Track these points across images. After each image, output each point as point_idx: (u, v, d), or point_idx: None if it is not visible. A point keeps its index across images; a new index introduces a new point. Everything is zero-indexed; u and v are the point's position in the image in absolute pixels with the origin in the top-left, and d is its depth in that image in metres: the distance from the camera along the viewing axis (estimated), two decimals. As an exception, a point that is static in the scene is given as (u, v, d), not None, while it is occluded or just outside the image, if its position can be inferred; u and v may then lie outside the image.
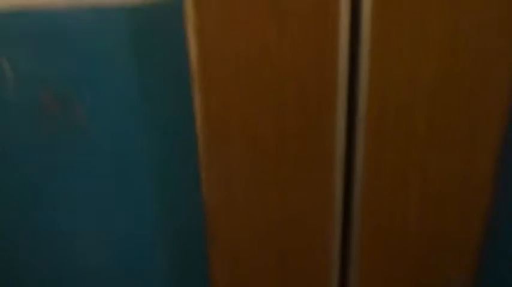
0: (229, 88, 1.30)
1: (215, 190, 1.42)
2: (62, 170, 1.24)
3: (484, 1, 1.25)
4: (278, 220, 1.45)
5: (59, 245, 1.34)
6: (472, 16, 1.26)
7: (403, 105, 1.32)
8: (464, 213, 1.47)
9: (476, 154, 1.41)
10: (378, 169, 1.40)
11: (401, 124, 1.34)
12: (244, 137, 1.35)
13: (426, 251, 1.51)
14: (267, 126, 1.35)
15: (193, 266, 1.46)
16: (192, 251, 1.45)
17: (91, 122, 1.20)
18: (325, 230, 1.47)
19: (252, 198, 1.43)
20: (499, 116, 1.37)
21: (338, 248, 1.49)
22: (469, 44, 1.29)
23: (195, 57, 1.27)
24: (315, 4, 1.24)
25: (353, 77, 1.31)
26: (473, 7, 1.25)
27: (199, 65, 1.27)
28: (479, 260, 1.51)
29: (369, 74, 1.28)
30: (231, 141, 1.36)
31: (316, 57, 1.27)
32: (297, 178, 1.42)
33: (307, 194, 1.43)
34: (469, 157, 1.41)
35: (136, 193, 1.29)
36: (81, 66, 1.17)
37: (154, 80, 1.23)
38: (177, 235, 1.42)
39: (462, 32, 1.27)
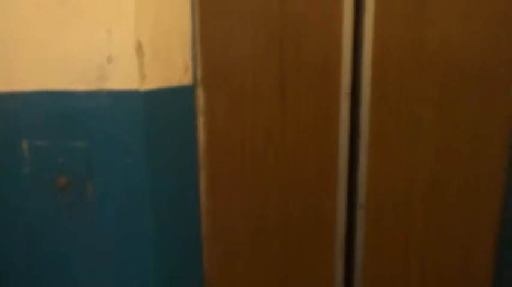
0: (235, 174, 1.35)
1: (216, 265, 1.43)
2: (70, 244, 1.28)
3: (479, 100, 1.31)
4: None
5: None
6: (466, 116, 1.32)
7: (401, 199, 1.36)
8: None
9: (475, 245, 1.43)
10: (378, 255, 1.41)
11: (400, 216, 1.37)
12: (247, 219, 1.39)
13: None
14: (270, 210, 1.38)
15: None
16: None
17: (100, 200, 1.24)
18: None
19: (252, 275, 1.44)
20: (493, 209, 1.40)
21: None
22: (464, 142, 1.34)
23: (202, 144, 1.32)
24: (318, 97, 1.31)
25: (353, 167, 1.35)
26: (467, 106, 1.31)
27: (206, 151, 1.33)
28: None
29: (367, 167, 1.33)
30: (234, 223, 1.39)
31: (318, 148, 1.33)
32: (298, 259, 1.43)
33: (308, 277, 1.44)
34: (467, 247, 1.43)
35: (139, 267, 1.30)
36: (94, 146, 1.23)
37: (162, 161, 1.28)
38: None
39: (458, 130, 1.33)
